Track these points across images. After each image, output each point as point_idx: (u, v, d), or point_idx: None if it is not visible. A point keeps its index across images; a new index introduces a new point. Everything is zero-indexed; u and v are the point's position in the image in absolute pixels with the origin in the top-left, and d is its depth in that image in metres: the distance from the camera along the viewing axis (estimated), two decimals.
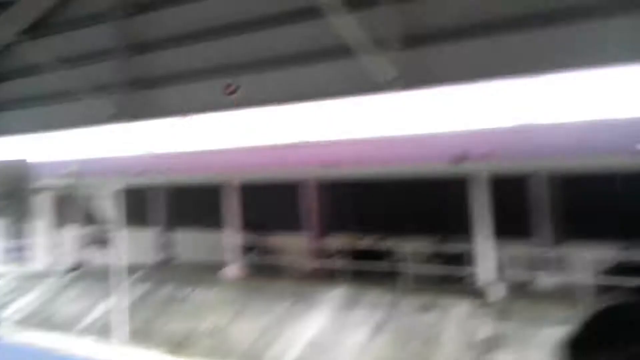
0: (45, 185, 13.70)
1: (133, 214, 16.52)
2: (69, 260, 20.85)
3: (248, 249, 18.10)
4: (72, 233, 21.20)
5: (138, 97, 20.31)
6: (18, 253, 25.38)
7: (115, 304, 14.77)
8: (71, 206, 20.92)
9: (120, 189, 14.95)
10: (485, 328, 11.79)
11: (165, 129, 20.41)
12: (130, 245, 15.86)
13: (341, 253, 15.92)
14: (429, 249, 15.02)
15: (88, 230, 21.69)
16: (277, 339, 13.21)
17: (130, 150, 20.72)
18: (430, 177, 15.48)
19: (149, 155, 20.14)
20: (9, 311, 17.50)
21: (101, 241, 22.22)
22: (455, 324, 12.12)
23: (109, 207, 14.86)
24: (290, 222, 18.95)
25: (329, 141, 16.83)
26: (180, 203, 21.61)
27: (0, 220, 18.76)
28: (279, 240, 18.42)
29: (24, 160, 13.25)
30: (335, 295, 14.00)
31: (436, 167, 14.69)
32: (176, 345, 14.00)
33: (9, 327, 16.33)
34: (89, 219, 21.34)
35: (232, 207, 17.41)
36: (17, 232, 26.03)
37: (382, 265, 15.00)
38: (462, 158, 13.76)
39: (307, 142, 17.11)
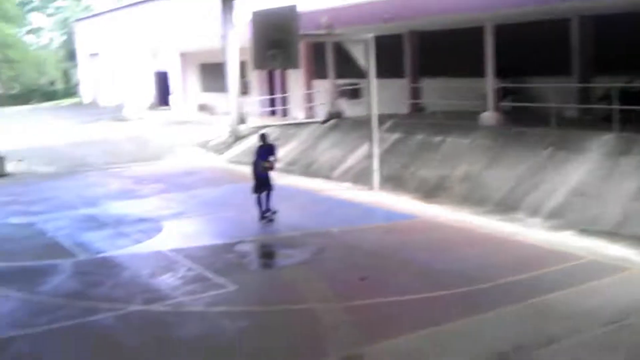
0: (302, 35, 13.81)
1: (383, 62, 16.20)
2: (324, 111, 21.64)
3: (504, 95, 16.93)
4: (327, 84, 21.79)
5: None
6: (278, 105, 27.16)
7: (369, 152, 14.97)
8: (325, 57, 21.33)
9: (371, 37, 14.56)
10: None
11: None
12: (382, 95, 15.73)
13: (608, 97, 14.01)
14: None
15: (342, 81, 22.16)
16: (536, 187, 12.30)
17: None
18: None
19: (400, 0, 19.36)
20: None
21: (354, 91, 22.65)
22: None
23: (361, 57, 14.67)
24: (550, 65, 17.23)
25: None
26: (431, 50, 20.82)
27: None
28: (538, 85, 16.94)
29: (293, 7, 13.24)
30: (602, 142, 12.47)
31: None
32: (428, 191, 13.86)
33: (274, 173, 17.61)
34: (343, 69, 21.69)
35: (486, 51, 16.15)
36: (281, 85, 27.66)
37: None
38: None
39: None
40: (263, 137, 12.74)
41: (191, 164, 19.70)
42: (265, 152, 12.40)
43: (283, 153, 18.96)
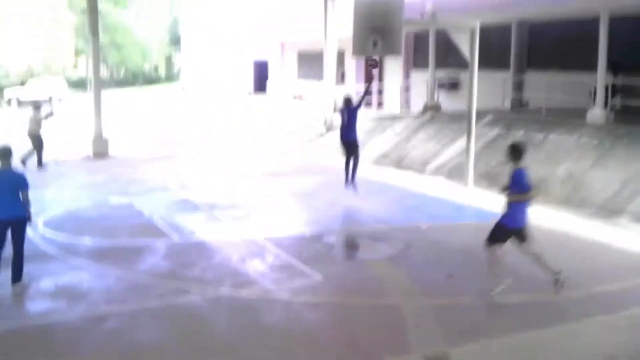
0: (405, 22, 13.53)
1: (487, 53, 15.67)
2: (421, 103, 21.26)
3: (613, 92, 16.00)
4: (426, 75, 21.38)
5: None
6: (375, 96, 26.91)
7: (465, 146, 14.54)
8: (425, 46, 20.93)
9: (475, 27, 14.07)
10: None
11: None
12: (483, 88, 15.24)
13: None
14: None
15: (442, 72, 21.68)
16: None
17: None
18: None
19: None
20: (365, 150, 18.69)
21: (454, 84, 22.12)
22: None
23: (464, 48, 14.22)
24: None
25: None
26: (539, 41, 19.97)
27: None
28: None
29: None
30: None
31: None
32: None
33: (365, 165, 17.46)
34: (444, 59, 21.23)
35: (597, 45, 15.27)
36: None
37: None
38: None
39: None
40: (347, 101, 13.28)
41: (283, 151, 19.87)
42: (351, 114, 13.01)
43: (376, 145, 18.79)
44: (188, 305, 7.76)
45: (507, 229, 7.68)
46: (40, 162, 17.05)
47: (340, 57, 24.73)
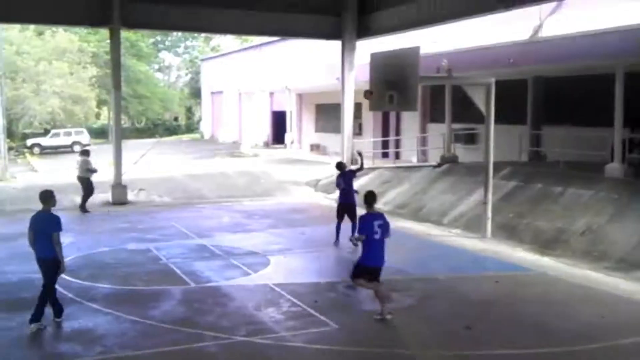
0: (421, 77, 13.72)
1: (503, 108, 15.81)
2: (438, 155, 21.35)
3: (631, 147, 16.00)
4: (443, 128, 21.53)
5: None
6: (391, 148, 27.08)
7: (482, 199, 14.52)
8: (442, 101, 21.15)
9: (490, 82, 14.24)
10: None
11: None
12: (500, 141, 15.31)
13: None
14: None
15: (458, 125, 21.84)
16: None
17: (502, 39, 19.73)
18: None
19: (522, 44, 18.92)
20: (381, 201, 18.71)
21: (470, 137, 22.24)
22: None
23: (479, 102, 14.36)
24: None
25: None
26: (555, 96, 20.12)
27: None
28: None
29: (416, 48, 13.21)
30: None
31: None
32: (544, 243, 13.20)
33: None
34: (460, 113, 21.40)
35: (613, 100, 15.37)
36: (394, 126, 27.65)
37: None
38: None
39: None
40: (339, 165, 14.17)
41: (300, 202, 19.96)
42: (347, 179, 13.77)
43: (393, 195, 18.83)
44: (202, 351, 7.73)
45: (364, 266, 8.80)
46: (83, 206, 17.48)
47: (358, 109, 25.03)
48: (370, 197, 9.27)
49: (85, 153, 18.87)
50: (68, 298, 9.72)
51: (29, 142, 42.03)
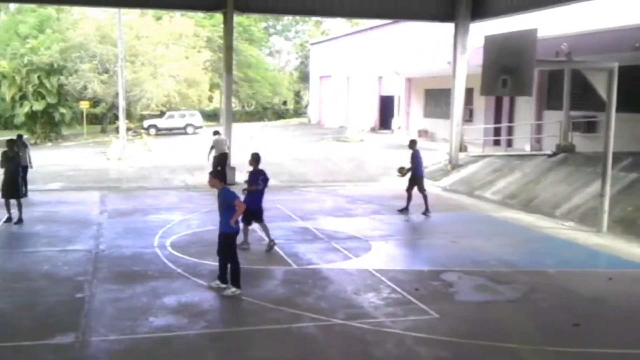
0: (537, 61, 13.05)
1: (626, 95, 14.82)
2: (552, 144, 20.38)
3: None
4: (559, 116, 20.53)
5: None
6: (503, 135, 26.15)
7: (599, 191, 13.71)
8: (559, 86, 20.15)
9: (613, 67, 13.35)
10: None
11: None
12: (621, 130, 14.38)
13: None
14: None
15: (576, 113, 20.74)
16: None
17: (627, 21, 18.47)
18: None
19: None
20: (490, 191, 18.12)
21: (590, 125, 21.07)
22: None
23: (601, 88, 13.49)
24: None
25: None
26: None
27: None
28: None
29: (533, 31, 12.63)
30: None
31: None
32: None
33: (491, 205, 16.91)
34: (578, 100, 20.31)
35: None
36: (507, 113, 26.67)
37: None
38: None
39: None
40: (413, 142, 15.69)
41: (405, 188, 19.66)
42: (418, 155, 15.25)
43: (503, 185, 18.19)
44: (302, 331, 7.80)
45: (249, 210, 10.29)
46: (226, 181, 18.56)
47: (469, 94, 24.32)
48: (254, 158, 11.54)
49: (218, 133, 19.92)
50: (176, 273, 10.13)
51: (146, 123, 44.15)
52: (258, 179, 11.60)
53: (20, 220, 13.44)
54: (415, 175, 15.29)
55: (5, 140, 14.40)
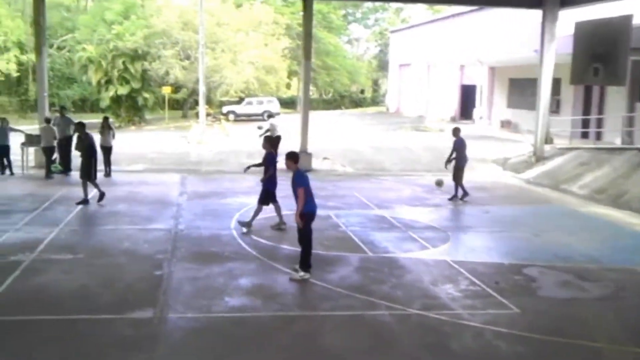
0: (632, 49, 12.31)
1: None
2: None
3: None
4: None
5: None
6: (592, 127, 25.03)
7: None
8: None
9: None
10: None
11: None
12: None
13: None
14: None
15: None
16: None
17: None
18: None
19: None
20: (577, 185, 17.35)
21: None
22: None
23: None
24: None
25: None
26: None
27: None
28: None
29: (628, 17, 11.96)
30: None
31: None
32: None
33: (577, 200, 16.19)
34: None
35: None
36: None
37: None
38: None
39: None
40: (456, 130, 15.33)
41: (486, 180, 19.14)
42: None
43: (590, 179, 17.39)
44: (377, 319, 7.67)
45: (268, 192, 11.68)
46: None
47: (556, 84, 23.35)
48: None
49: (272, 116, 20.43)
50: (252, 255, 10.17)
51: (225, 109, 44.88)
52: (274, 161, 11.94)
53: (84, 201, 13.57)
54: (457, 164, 15.29)
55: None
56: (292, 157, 9.42)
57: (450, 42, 39.52)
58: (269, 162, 11.84)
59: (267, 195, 11.89)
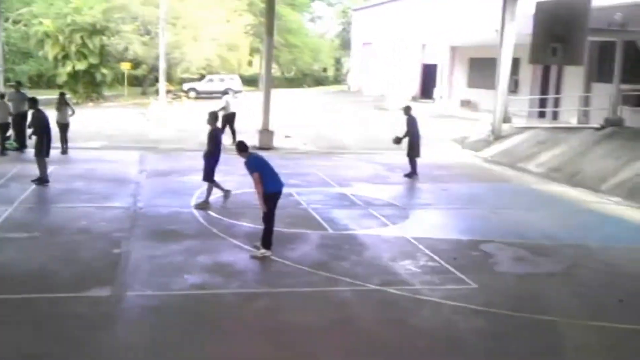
0: (590, 30, 12.49)
1: None
2: (600, 117, 19.75)
3: None
4: (609, 88, 19.83)
5: None
6: (549, 107, 25.46)
7: None
8: (610, 58, 19.43)
9: None
10: None
11: None
12: None
13: None
14: None
15: (626, 86, 20.02)
16: None
17: None
18: None
19: None
20: (534, 163, 17.67)
21: (639, 99, 20.32)
22: None
23: None
24: None
25: None
26: None
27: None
28: None
29: None
30: None
31: None
32: None
33: (534, 178, 16.50)
34: (630, 73, 19.60)
35: None
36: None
37: None
38: None
39: None
40: (408, 109, 16.09)
41: (445, 158, 19.35)
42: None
43: (547, 158, 17.72)
44: (338, 295, 7.75)
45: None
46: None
47: (515, 64, 23.63)
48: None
49: (227, 92, 21.92)
50: (212, 233, 10.12)
51: (186, 86, 44.29)
52: (218, 138, 12.23)
53: (40, 179, 13.12)
54: (412, 141, 15.63)
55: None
56: (240, 147, 9.51)
57: (412, 21, 39.56)
58: (213, 138, 11.94)
59: (212, 170, 11.96)
